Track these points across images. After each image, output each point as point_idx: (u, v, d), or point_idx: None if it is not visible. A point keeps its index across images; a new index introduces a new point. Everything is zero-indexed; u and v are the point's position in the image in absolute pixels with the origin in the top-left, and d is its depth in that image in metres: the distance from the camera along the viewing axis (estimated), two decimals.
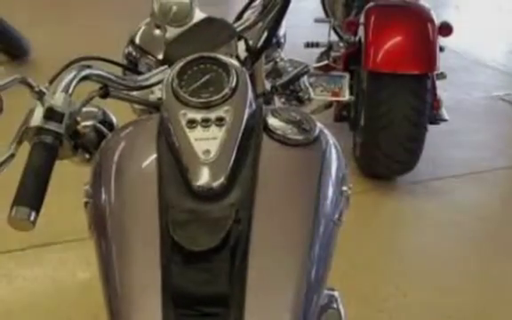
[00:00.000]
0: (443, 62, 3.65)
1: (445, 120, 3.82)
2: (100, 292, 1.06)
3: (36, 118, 1.16)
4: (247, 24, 1.55)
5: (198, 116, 1.14)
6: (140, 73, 1.60)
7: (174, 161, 1.11)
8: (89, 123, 1.33)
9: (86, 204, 1.17)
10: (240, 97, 1.17)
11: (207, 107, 1.15)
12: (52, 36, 5.60)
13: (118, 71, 1.58)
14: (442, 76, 3.89)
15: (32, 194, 1.06)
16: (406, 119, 3.50)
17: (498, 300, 2.94)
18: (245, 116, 1.15)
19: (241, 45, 1.50)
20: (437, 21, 3.63)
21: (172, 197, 1.07)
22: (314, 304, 1.04)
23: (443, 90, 3.84)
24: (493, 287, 3.04)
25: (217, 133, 1.12)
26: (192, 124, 1.13)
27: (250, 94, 1.19)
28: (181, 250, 1.00)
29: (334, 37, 4.66)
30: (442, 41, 3.65)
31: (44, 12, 6.55)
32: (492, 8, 8.33)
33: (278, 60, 1.73)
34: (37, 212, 1.05)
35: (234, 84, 1.18)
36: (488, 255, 3.29)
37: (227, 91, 1.17)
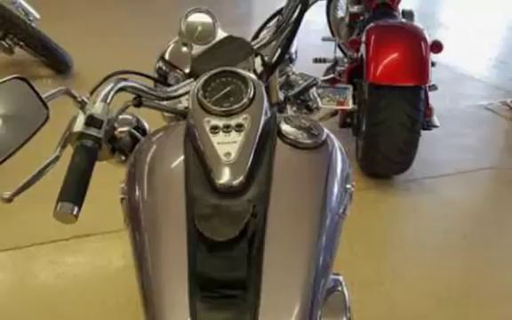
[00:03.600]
0: (434, 75, 3.63)
1: (436, 126, 3.80)
2: (134, 276, 1.06)
3: (79, 125, 1.17)
4: (263, 42, 1.56)
5: (220, 122, 1.14)
6: (169, 85, 1.61)
7: (199, 162, 1.11)
8: (124, 128, 1.34)
9: (122, 199, 1.17)
10: (257, 106, 1.17)
11: (228, 115, 1.15)
12: (92, 53, 5.61)
13: (150, 83, 1.58)
14: (433, 87, 3.87)
15: (75, 191, 1.07)
16: (402, 125, 3.49)
17: (480, 281, 2.96)
18: (261, 123, 1.15)
19: (258, 61, 1.50)
20: (430, 40, 3.61)
21: (198, 194, 1.07)
22: (321, 287, 1.03)
23: (434, 99, 3.82)
24: (477, 271, 3.05)
25: (237, 138, 1.11)
26: (215, 129, 1.13)
27: (265, 104, 1.19)
28: (205, 240, 0.99)
29: (339, 54, 4.65)
30: (433, 57, 3.63)
31: (85, 32, 6.57)
32: (477, 28, 8.27)
33: (290, 73, 1.72)
34: (79, 207, 1.06)
35: (251, 94, 1.18)
36: (473, 243, 3.29)
37: (245, 101, 1.17)
